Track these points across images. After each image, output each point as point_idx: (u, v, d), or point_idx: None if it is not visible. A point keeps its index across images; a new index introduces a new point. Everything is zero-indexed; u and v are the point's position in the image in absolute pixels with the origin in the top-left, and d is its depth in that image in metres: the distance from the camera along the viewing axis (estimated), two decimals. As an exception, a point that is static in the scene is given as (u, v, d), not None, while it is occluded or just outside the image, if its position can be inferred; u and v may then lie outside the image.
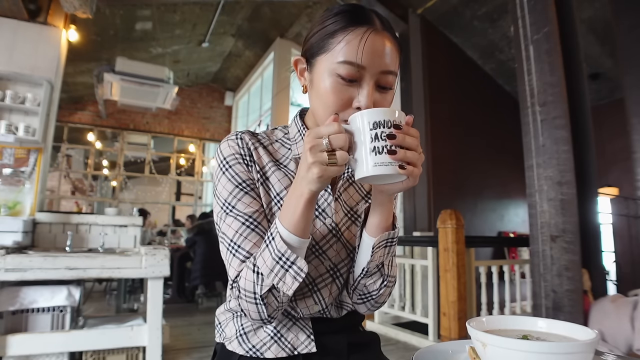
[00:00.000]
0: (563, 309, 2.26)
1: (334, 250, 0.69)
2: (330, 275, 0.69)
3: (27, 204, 2.88)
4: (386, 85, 0.61)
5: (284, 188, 0.67)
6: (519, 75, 2.62)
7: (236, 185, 0.65)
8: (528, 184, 2.50)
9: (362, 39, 0.58)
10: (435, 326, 3.21)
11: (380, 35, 0.60)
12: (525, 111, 2.54)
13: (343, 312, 0.75)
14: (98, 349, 2.31)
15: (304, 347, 0.69)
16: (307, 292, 0.68)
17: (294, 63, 0.71)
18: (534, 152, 2.47)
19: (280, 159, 0.70)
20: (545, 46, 2.46)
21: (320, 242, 0.68)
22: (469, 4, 4.56)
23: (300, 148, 0.69)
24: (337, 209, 0.70)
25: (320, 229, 0.68)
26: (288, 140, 0.73)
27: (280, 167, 0.69)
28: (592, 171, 2.53)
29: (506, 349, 0.43)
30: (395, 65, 0.62)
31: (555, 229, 2.33)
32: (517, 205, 5.55)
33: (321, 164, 0.51)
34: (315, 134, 0.52)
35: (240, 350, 0.69)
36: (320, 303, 0.69)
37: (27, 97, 2.89)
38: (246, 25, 6.04)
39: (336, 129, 0.51)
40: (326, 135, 0.51)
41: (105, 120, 7.26)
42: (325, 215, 0.68)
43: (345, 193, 0.72)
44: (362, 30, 0.59)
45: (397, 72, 0.63)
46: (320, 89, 0.62)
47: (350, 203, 0.72)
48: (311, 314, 0.70)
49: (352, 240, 0.70)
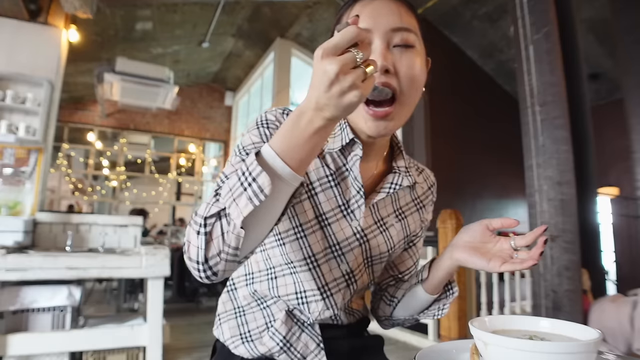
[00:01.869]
0: (563, 308, 2.27)
1: (353, 254, 0.66)
2: (345, 281, 0.66)
3: (27, 204, 2.88)
4: (402, 43, 0.57)
5: (317, 179, 0.64)
6: (519, 75, 2.63)
7: (261, 140, 0.61)
8: (528, 184, 2.50)
9: (359, 3, 0.59)
10: (435, 326, 3.21)
11: (385, 1, 0.58)
12: (525, 111, 2.54)
13: (352, 319, 0.73)
14: (98, 349, 2.30)
15: (313, 356, 0.66)
16: (319, 296, 0.65)
17: None
18: (533, 152, 2.47)
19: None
20: (545, 46, 2.46)
21: (342, 242, 0.64)
22: (469, 4, 4.57)
23: (337, 143, 0.64)
24: (367, 215, 0.66)
25: (345, 229, 0.64)
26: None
27: (319, 156, 0.65)
28: (592, 171, 2.54)
29: (508, 348, 0.43)
30: (407, 22, 0.58)
31: (555, 229, 2.33)
32: (516, 205, 5.55)
33: (357, 86, 0.41)
34: (336, 44, 0.41)
35: (248, 355, 0.67)
36: (332, 308, 0.66)
37: (27, 97, 2.89)
38: (246, 25, 6.04)
39: (357, 32, 0.41)
40: (351, 42, 0.41)
41: (106, 120, 7.26)
42: (353, 216, 0.65)
43: (381, 202, 0.68)
44: (365, 1, 0.59)
45: (413, 30, 0.58)
46: None
47: (383, 214, 0.69)
48: (322, 319, 0.67)
49: (375, 248, 0.67)
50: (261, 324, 0.68)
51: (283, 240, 0.63)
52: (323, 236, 0.63)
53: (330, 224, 0.64)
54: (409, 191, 0.73)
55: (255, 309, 0.69)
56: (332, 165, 0.65)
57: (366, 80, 0.42)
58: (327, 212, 0.63)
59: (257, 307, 0.69)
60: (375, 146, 0.66)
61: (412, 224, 0.72)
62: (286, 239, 0.63)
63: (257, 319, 0.69)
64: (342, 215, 0.64)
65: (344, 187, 0.65)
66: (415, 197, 0.73)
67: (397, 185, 0.67)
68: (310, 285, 0.64)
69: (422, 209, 0.74)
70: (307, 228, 0.62)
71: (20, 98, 2.87)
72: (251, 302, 0.70)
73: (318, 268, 0.64)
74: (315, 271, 0.64)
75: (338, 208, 0.64)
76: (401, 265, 0.76)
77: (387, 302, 0.75)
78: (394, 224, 0.69)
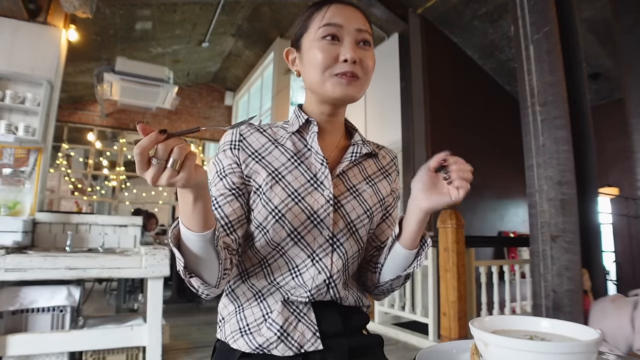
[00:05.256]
0: (563, 308, 2.26)
1: (331, 219, 0.71)
2: (330, 245, 0.72)
3: (27, 204, 2.88)
4: (364, 41, 0.73)
5: (282, 164, 0.73)
6: (519, 75, 2.62)
7: (233, 162, 0.74)
8: (528, 184, 2.50)
9: (332, 6, 0.73)
10: (436, 326, 3.21)
11: (346, 5, 0.74)
12: (526, 111, 2.54)
13: (349, 296, 0.76)
14: (98, 349, 2.30)
15: (310, 344, 0.69)
16: (310, 263, 0.71)
17: (285, 54, 0.81)
18: (534, 152, 2.47)
19: (278, 139, 0.77)
20: (546, 46, 2.46)
21: (318, 211, 0.71)
22: (469, 4, 4.56)
23: (294, 127, 0.77)
24: (338, 184, 0.75)
25: (319, 199, 0.72)
26: (286, 124, 0.80)
27: (278, 145, 0.76)
28: (592, 171, 2.53)
29: (508, 348, 0.42)
30: (367, 26, 0.74)
31: (556, 229, 2.33)
32: (517, 205, 5.55)
33: (176, 172, 0.51)
34: (139, 166, 0.50)
35: (246, 348, 0.69)
36: (324, 271, 0.71)
37: (27, 96, 2.88)
38: (246, 25, 6.04)
39: (144, 147, 0.49)
40: (146, 154, 0.50)
41: (105, 120, 7.26)
42: (323, 187, 0.73)
43: (350, 171, 0.78)
44: (330, 4, 0.73)
45: (370, 33, 0.75)
46: (310, 56, 0.72)
47: (354, 182, 0.77)
48: (318, 288, 0.71)
49: (352, 212, 0.74)
50: (259, 317, 0.71)
51: (265, 229, 0.70)
52: (300, 210, 0.70)
53: (304, 197, 0.71)
54: (374, 162, 0.83)
55: (253, 303, 0.73)
56: (293, 149, 0.75)
57: (185, 161, 0.50)
58: (297, 188, 0.71)
59: (254, 301, 0.74)
60: (334, 124, 0.79)
61: (382, 190, 0.81)
62: (267, 226, 0.70)
63: (255, 313, 0.72)
64: (313, 188, 0.72)
65: (309, 164, 0.75)
66: (380, 166, 0.84)
67: (357, 154, 0.78)
68: (300, 258, 0.71)
69: (388, 177, 0.84)
70: (283, 208, 0.69)
71: (19, 98, 2.87)
72: (250, 298, 0.74)
73: (303, 239, 0.70)
74: (301, 243, 0.70)
75: (308, 182, 0.72)
76: (382, 236, 0.83)
77: (372, 269, 0.80)
78: (366, 189, 0.78)
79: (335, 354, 0.71)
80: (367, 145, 0.81)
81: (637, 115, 2.59)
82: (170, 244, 0.61)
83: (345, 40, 0.71)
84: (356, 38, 0.72)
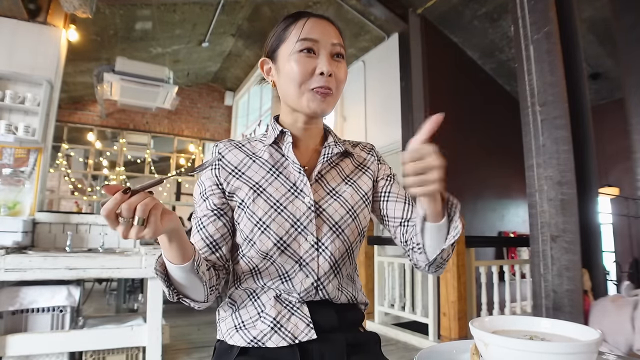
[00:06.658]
0: (563, 309, 2.26)
1: (314, 224, 0.73)
2: (315, 249, 0.73)
3: (26, 204, 2.88)
4: (338, 54, 0.76)
5: (261, 177, 0.76)
6: (519, 75, 2.62)
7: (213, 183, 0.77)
8: (528, 184, 2.50)
9: (309, 20, 0.75)
10: (436, 326, 3.21)
11: (322, 19, 0.76)
12: (526, 111, 2.54)
13: (341, 296, 0.77)
14: (98, 349, 2.30)
15: (304, 335, 0.71)
16: (297, 268, 0.73)
17: (260, 65, 0.82)
18: (534, 152, 2.47)
19: (256, 152, 0.80)
20: (546, 46, 2.46)
21: (301, 218, 0.73)
22: (469, 4, 4.56)
23: (270, 139, 0.79)
24: (318, 189, 0.77)
25: (300, 207, 0.74)
26: (264, 137, 0.83)
27: (256, 159, 0.78)
28: (593, 171, 2.53)
29: (508, 348, 0.42)
30: (340, 40, 0.77)
31: (556, 229, 2.33)
32: (517, 205, 5.54)
33: (144, 227, 0.55)
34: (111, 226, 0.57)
35: (241, 342, 0.71)
36: (312, 275, 0.73)
37: (26, 97, 2.88)
38: (246, 25, 6.04)
39: (109, 208, 0.55)
40: (113, 214, 0.56)
41: (105, 120, 7.26)
42: (303, 194, 0.75)
43: (328, 175, 0.80)
44: (307, 18, 0.76)
45: (343, 46, 0.78)
46: (287, 68, 0.74)
47: (332, 184, 0.79)
48: (307, 290, 0.73)
49: (334, 214, 0.76)
50: (253, 314, 0.75)
51: (252, 240, 0.73)
52: (283, 220, 0.72)
53: (286, 207, 0.73)
54: (350, 161, 0.85)
55: (248, 302, 0.77)
56: (271, 160, 0.78)
57: (149, 217, 0.54)
58: (279, 199, 0.74)
59: (249, 301, 0.77)
60: (309, 132, 0.81)
61: (363, 186, 0.82)
62: (254, 238, 0.72)
63: (250, 312, 0.75)
64: (294, 197, 0.74)
65: (287, 173, 0.77)
66: (357, 163, 0.86)
67: (329, 154, 0.80)
68: (289, 264, 0.73)
69: (367, 171, 0.85)
70: (267, 219, 0.72)
71: (19, 98, 2.87)
72: (245, 299, 0.78)
73: (289, 247, 0.72)
74: (288, 251, 0.72)
75: (289, 192, 0.75)
76: (397, 212, 0.81)
77: (418, 251, 0.76)
78: (346, 189, 0.79)
79: (333, 347, 0.72)
80: (339, 144, 0.83)
81: (637, 115, 2.59)
82: (156, 273, 0.66)
83: (321, 54, 0.73)
84: (331, 51, 0.75)
